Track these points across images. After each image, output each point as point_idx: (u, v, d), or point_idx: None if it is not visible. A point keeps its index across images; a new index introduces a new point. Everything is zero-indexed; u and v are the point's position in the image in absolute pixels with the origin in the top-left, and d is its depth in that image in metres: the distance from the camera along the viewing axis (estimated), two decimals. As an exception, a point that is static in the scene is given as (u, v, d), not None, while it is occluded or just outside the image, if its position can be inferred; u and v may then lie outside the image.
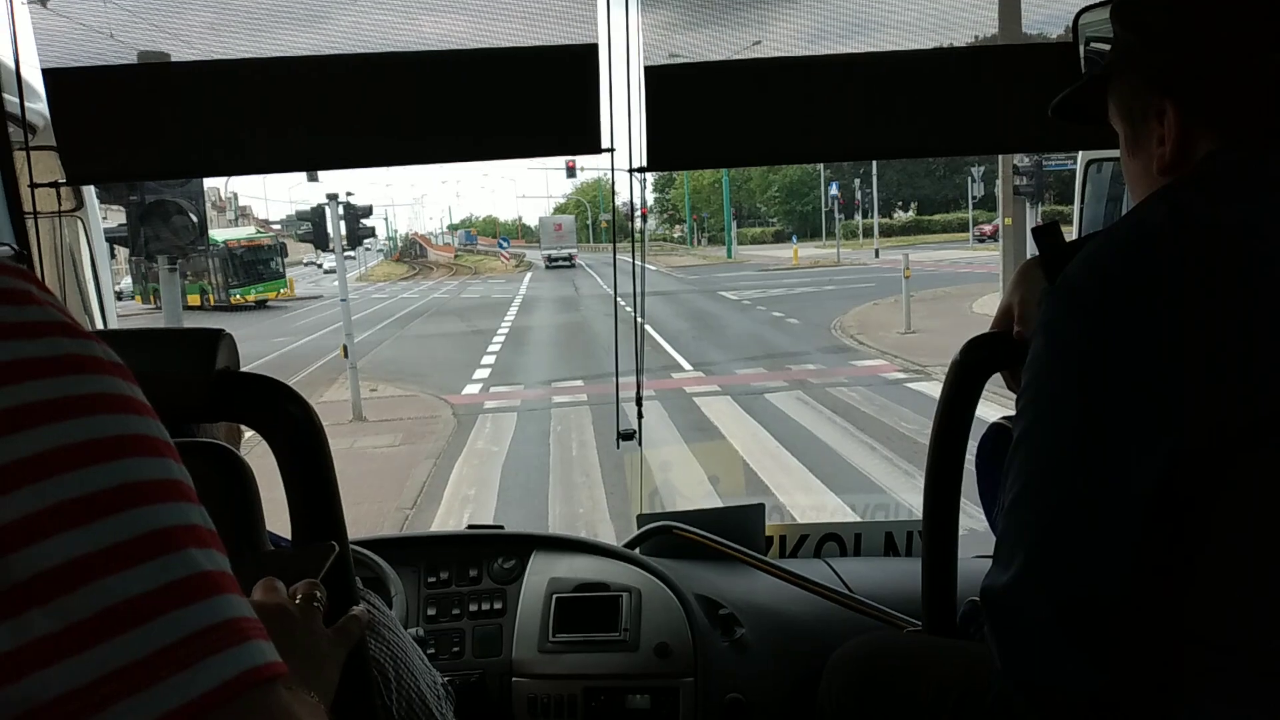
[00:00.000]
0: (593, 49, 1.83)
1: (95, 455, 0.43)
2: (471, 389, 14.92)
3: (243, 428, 1.32)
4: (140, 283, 32.73)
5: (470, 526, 2.36)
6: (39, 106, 1.96)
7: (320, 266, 49.56)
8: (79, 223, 2.45)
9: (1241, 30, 0.99)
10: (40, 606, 0.40)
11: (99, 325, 2.55)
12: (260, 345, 20.41)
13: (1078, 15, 1.70)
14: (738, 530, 2.27)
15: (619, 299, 4.61)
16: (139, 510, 0.44)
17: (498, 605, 2.04)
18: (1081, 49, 1.65)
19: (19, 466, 0.41)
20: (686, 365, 15.62)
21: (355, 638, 0.96)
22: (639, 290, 3.06)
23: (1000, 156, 13.91)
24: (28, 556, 0.40)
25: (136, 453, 0.45)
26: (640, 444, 2.84)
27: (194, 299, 30.22)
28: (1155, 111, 1.05)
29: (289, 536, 1.19)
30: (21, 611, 0.40)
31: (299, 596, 0.89)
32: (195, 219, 6.15)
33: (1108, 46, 1.17)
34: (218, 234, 33.38)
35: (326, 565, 0.96)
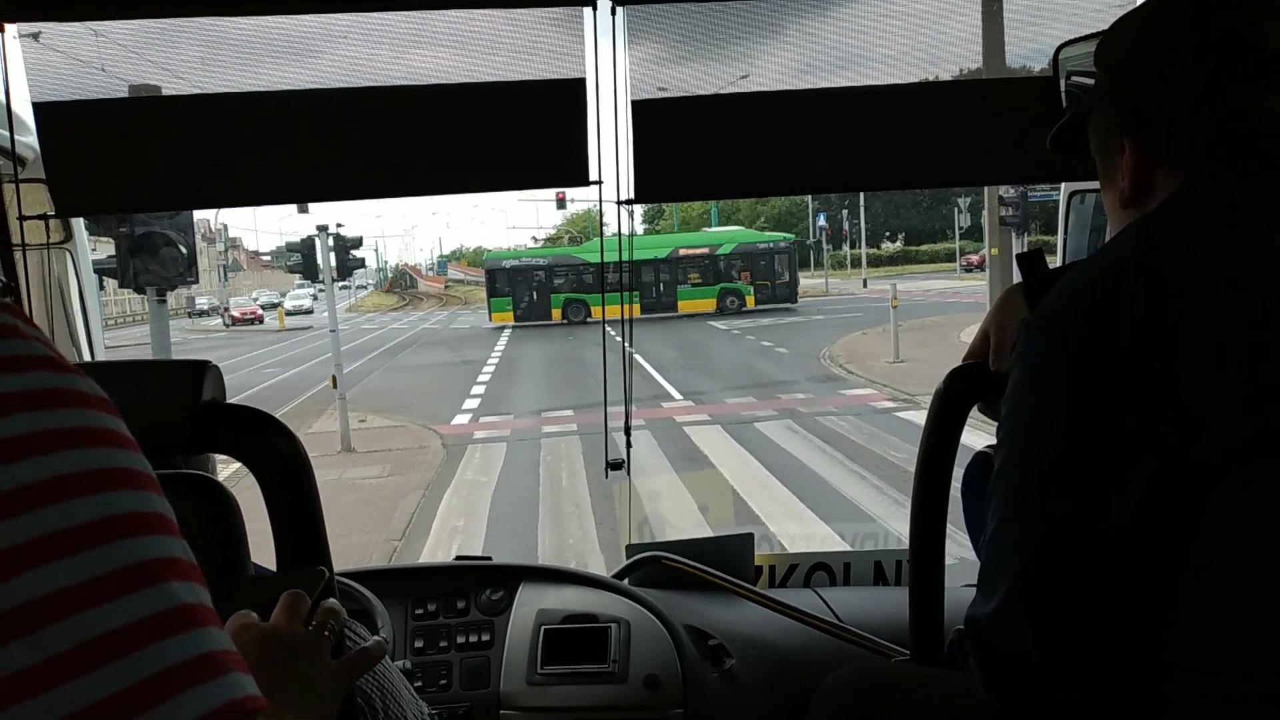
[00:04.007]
0: (581, 83, 1.85)
1: (77, 489, 0.44)
2: (461, 419, 14.88)
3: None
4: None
5: (458, 557, 2.35)
6: (28, 139, 1.97)
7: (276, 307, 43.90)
8: (68, 255, 2.45)
9: (1203, 70, 1.01)
10: (22, 639, 0.40)
11: (87, 357, 2.55)
12: (249, 376, 20.34)
13: (1058, 50, 1.73)
14: (727, 560, 2.26)
15: (608, 328, 4.63)
16: (121, 543, 0.44)
17: (485, 637, 2.03)
18: (1062, 83, 1.68)
19: (10, 496, 0.42)
20: (676, 394, 15.62)
21: (362, 671, 0.95)
22: (627, 319, 3.09)
23: (986, 188, 14.03)
24: (11, 589, 0.41)
25: (118, 486, 0.45)
26: (629, 473, 2.83)
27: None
28: (1118, 148, 1.08)
29: (274, 568, 1.18)
30: (4, 644, 0.40)
31: (313, 624, 0.88)
32: (185, 251, 6.14)
33: (1087, 80, 1.20)
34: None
35: (317, 591, 0.96)
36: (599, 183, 1.90)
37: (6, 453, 0.42)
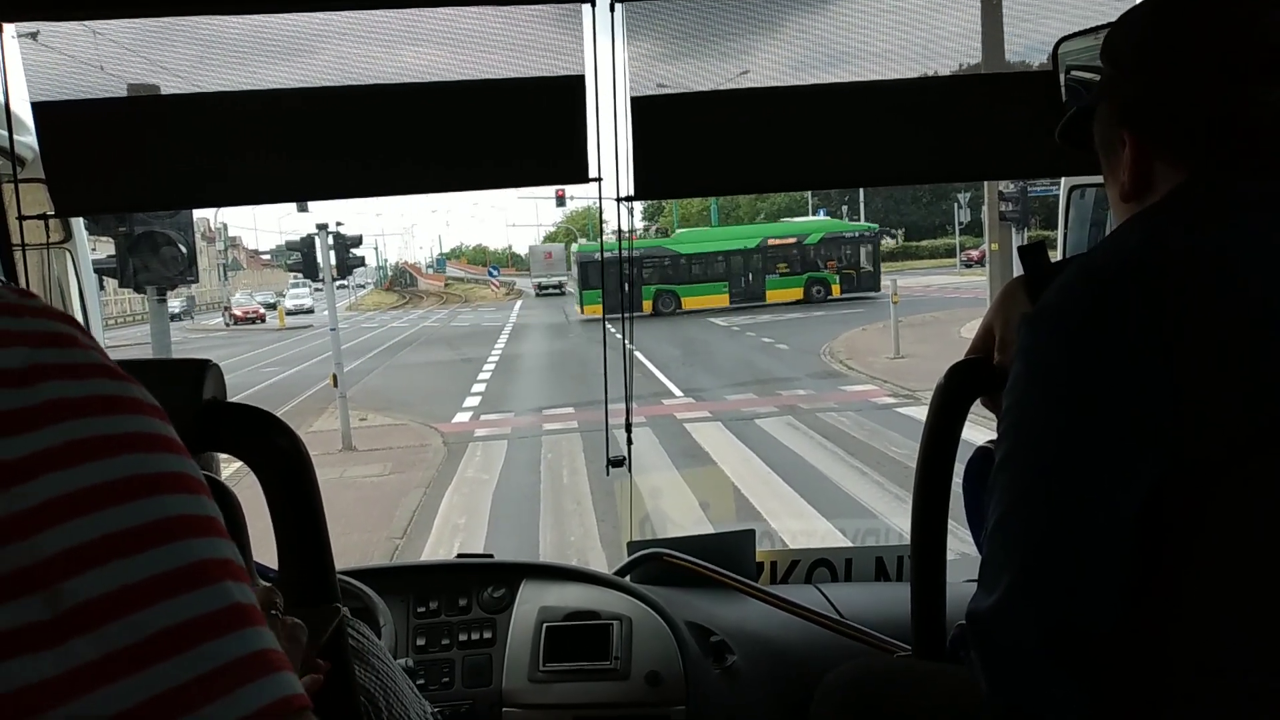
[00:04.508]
0: (579, 80, 1.85)
1: (138, 491, 0.45)
2: (462, 417, 14.89)
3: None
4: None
5: (460, 555, 2.35)
6: (28, 139, 1.97)
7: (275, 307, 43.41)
8: (67, 255, 2.45)
9: (1205, 64, 1.01)
10: (83, 635, 0.42)
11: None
12: (249, 375, 20.35)
13: (1057, 44, 1.73)
14: (728, 556, 2.26)
15: (608, 326, 4.62)
16: (178, 544, 0.46)
17: (487, 635, 2.03)
18: (1062, 77, 1.68)
19: (69, 499, 0.43)
20: (677, 391, 15.62)
21: (302, 646, 0.95)
22: (627, 317, 3.09)
23: (985, 183, 14.03)
24: (73, 587, 0.42)
25: (175, 489, 0.47)
26: (630, 470, 2.84)
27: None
28: (1119, 141, 1.08)
29: (275, 567, 1.19)
30: (67, 639, 0.42)
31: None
32: (184, 250, 6.14)
33: (1086, 75, 1.20)
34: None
35: (329, 630, 0.96)
36: (598, 180, 1.90)
37: (68, 457, 0.44)
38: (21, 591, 0.42)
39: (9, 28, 1.74)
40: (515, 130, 1.87)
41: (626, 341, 2.85)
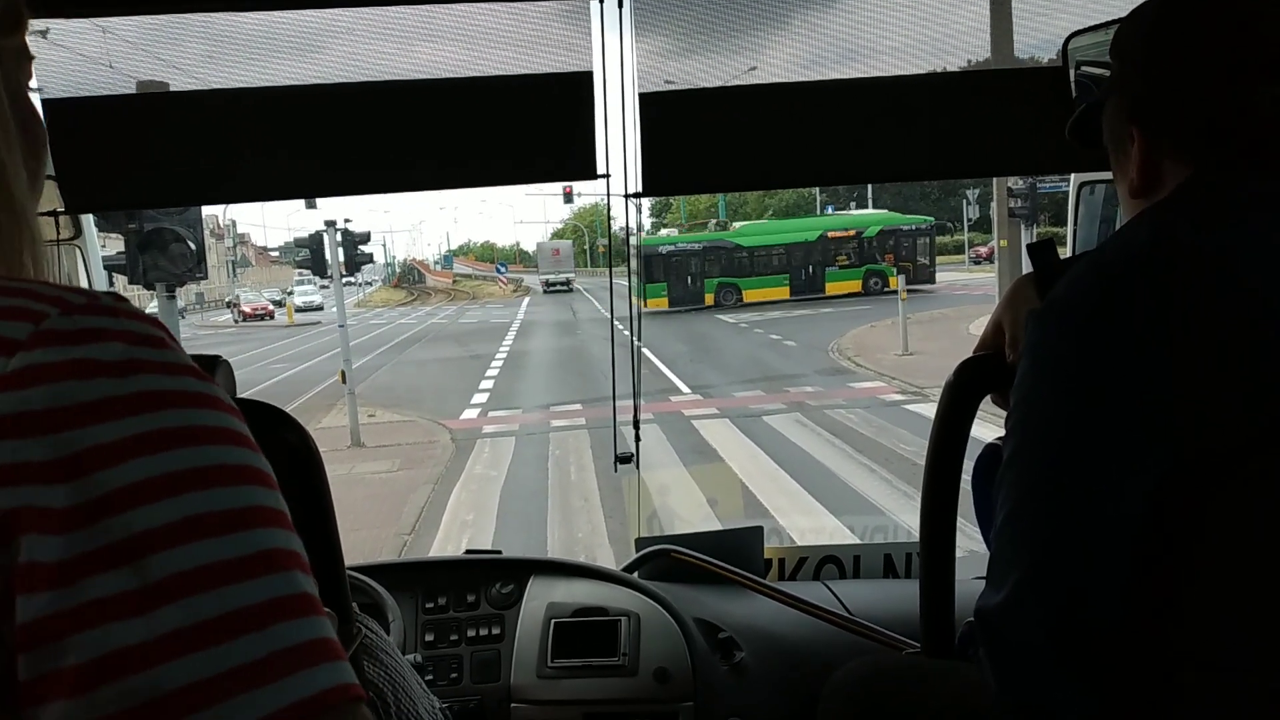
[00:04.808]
0: (587, 76, 1.85)
1: (223, 479, 0.50)
2: (470, 413, 14.91)
3: None
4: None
5: (468, 551, 2.35)
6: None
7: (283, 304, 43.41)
8: (77, 251, 2.46)
9: (1212, 60, 1.01)
10: (172, 604, 0.45)
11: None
12: (258, 371, 20.40)
13: (1067, 40, 1.72)
14: (736, 553, 2.26)
15: (616, 322, 4.63)
16: (257, 531, 0.50)
17: (496, 630, 2.03)
18: (1072, 73, 1.67)
19: (163, 480, 0.48)
20: (684, 388, 15.61)
21: None
22: (635, 313, 3.09)
23: (995, 179, 13.99)
24: (166, 558, 0.46)
25: (254, 482, 0.51)
26: (638, 467, 2.84)
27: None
28: (1128, 137, 1.08)
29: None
30: (157, 606, 0.45)
31: None
32: (194, 247, 6.17)
33: (1096, 70, 1.20)
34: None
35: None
36: (606, 176, 1.90)
37: (162, 442, 0.48)
38: (115, 563, 0.45)
39: (19, 25, 1.75)
40: (523, 126, 1.87)
41: (635, 339, 2.86)
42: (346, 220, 15.49)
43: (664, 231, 33.67)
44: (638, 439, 2.70)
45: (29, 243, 0.59)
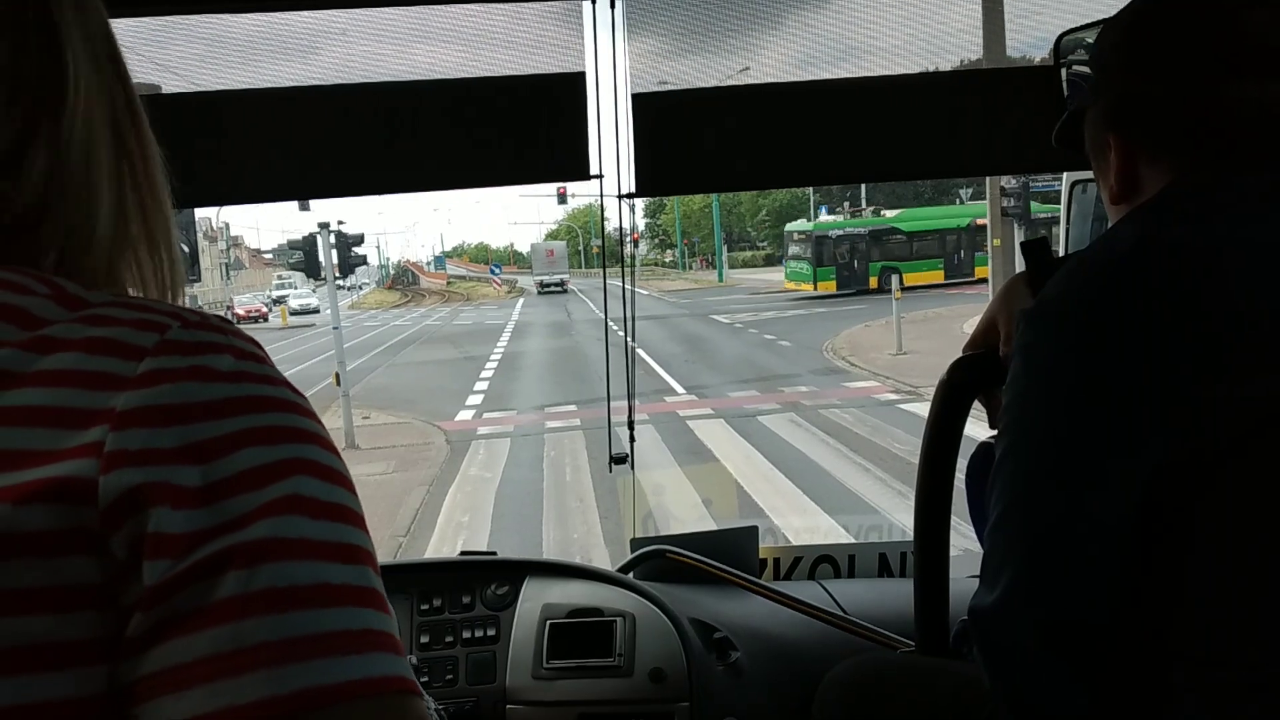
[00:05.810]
0: (580, 77, 1.85)
1: (321, 474, 0.56)
2: (464, 415, 14.90)
3: None
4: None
5: (463, 553, 2.35)
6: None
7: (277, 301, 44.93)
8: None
9: (1187, 61, 1.01)
10: (268, 563, 0.51)
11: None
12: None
13: (1058, 39, 1.73)
14: (731, 553, 2.26)
15: (610, 323, 4.62)
16: (347, 526, 0.56)
17: (491, 632, 2.03)
18: (1063, 72, 1.68)
19: (272, 466, 0.54)
20: (679, 389, 15.62)
21: None
22: (630, 314, 3.08)
23: (988, 178, 14.02)
24: (269, 524, 0.52)
25: (345, 486, 0.58)
26: (633, 468, 2.84)
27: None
28: (1106, 145, 1.09)
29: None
30: (254, 565, 0.51)
31: None
32: (186, 249, 6.17)
33: (1087, 70, 1.20)
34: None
35: None
36: (600, 177, 1.90)
37: (269, 437, 0.55)
38: (227, 531, 0.51)
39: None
40: (517, 127, 1.87)
41: (629, 340, 2.85)
42: (340, 222, 15.50)
43: (825, 217, 34.53)
44: (632, 440, 2.70)
45: (170, 270, 0.71)
